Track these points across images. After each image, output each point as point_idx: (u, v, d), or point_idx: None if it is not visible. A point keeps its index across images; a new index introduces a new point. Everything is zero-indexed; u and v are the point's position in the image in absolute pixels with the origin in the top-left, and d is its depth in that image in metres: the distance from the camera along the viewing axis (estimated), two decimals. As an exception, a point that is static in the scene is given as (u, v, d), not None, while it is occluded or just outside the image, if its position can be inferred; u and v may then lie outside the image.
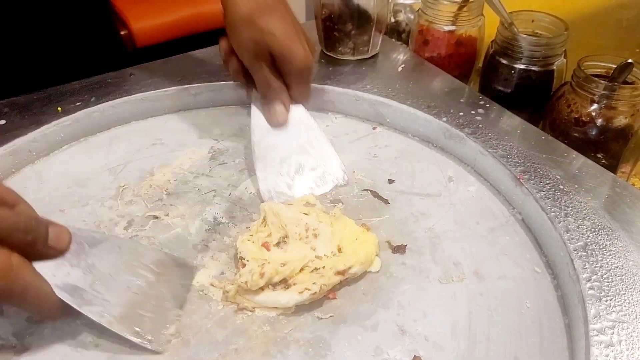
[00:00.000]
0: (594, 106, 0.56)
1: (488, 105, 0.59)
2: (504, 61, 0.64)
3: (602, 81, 0.55)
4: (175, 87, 0.61)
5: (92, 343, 0.39)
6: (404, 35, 0.78)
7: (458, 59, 0.69)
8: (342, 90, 0.61)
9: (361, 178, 0.54)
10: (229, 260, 0.45)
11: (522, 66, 0.63)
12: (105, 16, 0.75)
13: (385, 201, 0.51)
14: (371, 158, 0.56)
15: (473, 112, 0.58)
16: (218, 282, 0.43)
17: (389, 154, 0.57)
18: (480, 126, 0.56)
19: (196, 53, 0.68)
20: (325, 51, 0.69)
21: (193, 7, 1.69)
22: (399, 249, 0.46)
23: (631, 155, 0.54)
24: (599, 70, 0.58)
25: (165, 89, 0.61)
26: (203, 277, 0.44)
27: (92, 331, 0.39)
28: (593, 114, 0.56)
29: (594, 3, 0.76)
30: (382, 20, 0.66)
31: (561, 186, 0.49)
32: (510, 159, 0.52)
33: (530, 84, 0.63)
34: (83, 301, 0.36)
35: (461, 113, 0.58)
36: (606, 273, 0.41)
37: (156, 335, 0.38)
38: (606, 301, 0.39)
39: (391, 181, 0.53)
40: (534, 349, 0.39)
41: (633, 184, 0.52)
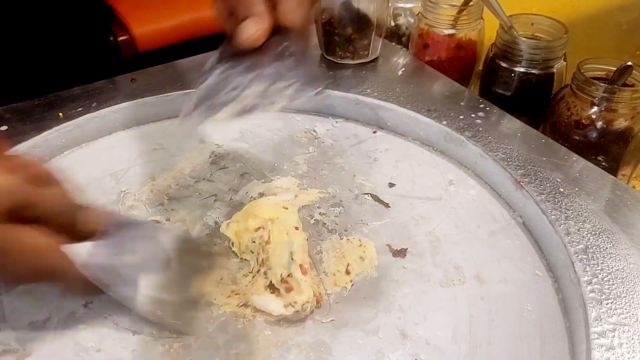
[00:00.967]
0: (594, 109, 0.56)
1: (488, 108, 0.59)
2: (504, 64, 0.64)
3: (602, 84, 0.55)
4: (176, 92, 0.61)
5: (94, 348, 0.39)
6: (404, 39, 0.79)
7: (458, 63, 0.69)
8: (343, 94, 0.61)
9: (362, 182, 0.54)
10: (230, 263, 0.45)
11: (522, 69, 0.63)
12: (104, 23, 0.76)
13: (385, 205, 0.51)
14: (372, 162, 0.56)
15: (473, 116, 0.58)
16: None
17: (390, 158, 0.57)
18: (480, 129, 0.56)
19: (198, 57, 0.68)
20: (325, 55, 0.69)
21: (195, 12, 1.69)
22: (400, 253, 0.46)
23: (631, 157, 0.54)
24: (599, 73, 0.58)
25: (166, 94, 0.61)
26: (204, 281, 0.44)
27: (94, 336, 0.40)
28: (593, 117, 0.56)
29: (594, 6, 0.76)
30: (382, 24, 0.67)
31: (562, 189, 0.49)
32: (510, 162, 0.52)
33: (530, 87, 0.63)
34: (111, 282, 0.37)
35: (461, 116, 0.58)
36: (607, 276, 0.41)
37: (182, 317, 0.39)
38: (607, 304, 0.39)
39: (392, 185, 0.53)
40: (535, 352, 0.39)
41: (634, 187, 0.52)
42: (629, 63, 0.55)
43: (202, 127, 0.61)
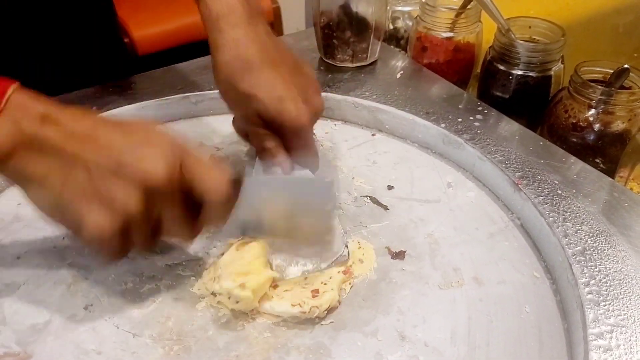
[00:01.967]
0: (592, 111, 0.56)
1: (486, 111, 0.59)
2: (502, 67, 0.64)
3: (600, 86, 0.55)
4: (176, 95, 0.62)
5: (95, 350, 0.39)
6: (403, 42, 0.79)
7: (456, 66, 0.70)
8: (341, 97, 0.61)
9: (360, 184, 0.54)
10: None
11: (520, 72, 0.63)
12: (110, 23, 0.75)
13: (384, 207, 0.51)
14: (370, 164, 0.57)
15: (471, 118, 0.58)
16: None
17: (388, 160, 0.57)
18: (478, 132, 0.56)
19: (197, 61, 0.69)
20: (324, 58, 0.69)
21: (194, 15, 1.69)
22: (399, 255, 0.46)
23: (629, 159, 0.54)
24: (596, 75, 0.59)
25: (166, 97, 0.61)
26: (204, 284, 0.44)
27: (95, 339, 0.40)
28: (591, 119, 0.56)
29: (591, 9, 0.76)
30: (381, 27, 0.67)
31: (559, 191, 0.49)
32: (508, 165, 0.52)
33: (528, 90, 0.64)
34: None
35: (459, 119, 0.58)
36: (604, 277, 0.41)
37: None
38: (604, 305, 0.39)
39: (390, 187, 0.54)
40: (533, 354, 0.39)
41: (631, 189, 0.52)
42: (626, 65, 0.55)
43: (202, 129, 0.61)
